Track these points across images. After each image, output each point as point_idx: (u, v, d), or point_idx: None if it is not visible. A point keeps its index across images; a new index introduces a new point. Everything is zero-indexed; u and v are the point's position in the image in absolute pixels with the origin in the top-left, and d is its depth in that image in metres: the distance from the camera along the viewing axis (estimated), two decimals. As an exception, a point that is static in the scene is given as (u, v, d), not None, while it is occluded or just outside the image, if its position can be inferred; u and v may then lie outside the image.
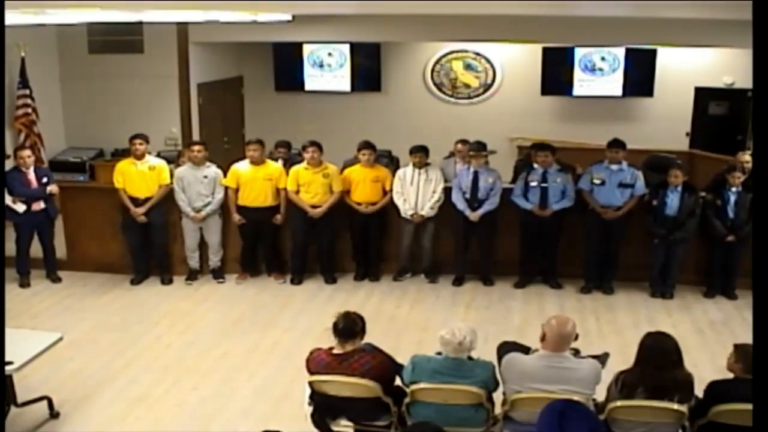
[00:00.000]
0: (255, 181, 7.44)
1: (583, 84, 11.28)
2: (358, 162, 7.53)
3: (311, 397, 4.29)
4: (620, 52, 11.03)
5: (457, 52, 11.59)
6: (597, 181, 7.21)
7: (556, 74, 11.26)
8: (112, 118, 9.97)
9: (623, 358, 4.79)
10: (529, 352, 4.26)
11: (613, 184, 7.18)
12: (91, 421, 5.02)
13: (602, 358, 4.47)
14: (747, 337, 4.34)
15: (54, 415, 5.01)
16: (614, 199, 7.19)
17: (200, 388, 5.49)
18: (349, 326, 4.15)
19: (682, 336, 5.02)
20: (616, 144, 7.24)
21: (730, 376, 4.03)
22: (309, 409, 4.31)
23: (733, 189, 6.99)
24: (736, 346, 4.07)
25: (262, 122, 11.59)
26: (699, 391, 4.04)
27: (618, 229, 7.23)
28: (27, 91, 9.19)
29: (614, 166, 7.21)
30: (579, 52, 11.15)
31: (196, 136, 9.97)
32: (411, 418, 4.12)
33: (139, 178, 7.42)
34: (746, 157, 7.50)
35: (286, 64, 11.80)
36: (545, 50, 11.07)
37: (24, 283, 7.50)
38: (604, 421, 3.87)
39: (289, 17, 8.29)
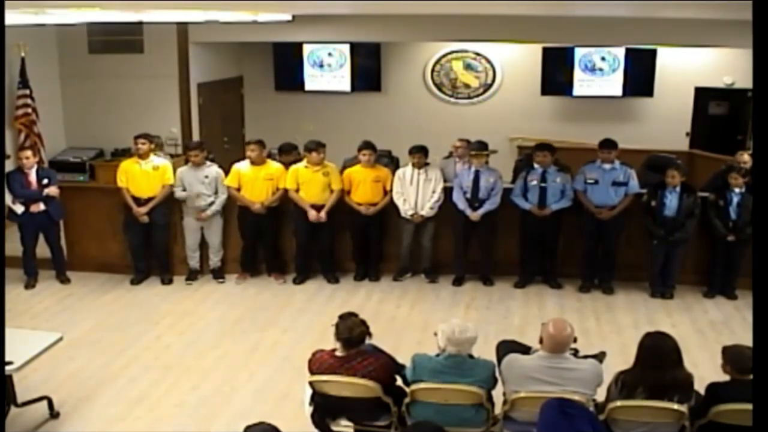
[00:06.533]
0: (256, 181, 7.44)
1: (583, 84, 11.27)
2: (358, 162, 7.54)
3: (312, 397, 4.29)
4: (620, 52, 11.03)
5: (457, 52, 11.58)
6: (590, 181, 7.22)
7: (556, 74, 11.25)
8: (112, 118, 9.97)
9: (623, 358, 4.80)
10: (529, 352, 4.26)
11: (606, 183, 7.19)
12: (91, 421, 5.02)
13: (599, 357, 4.47)
14: (747, 337, 4.34)
15: (54, 415, 5.01)
16: (608, 198, 7.19)
17: (200, 388, 5.49)
18: (348, 336, 4.12)
19: (682, 336, 5.03)
20: (608, 144, 7.24)
21: (728, 378, 4.03)
22: (309, 410, 4.31)
23: (736, 190, 6.98)
24: (724, 350, 4.07)
25: (262, 122, 11.59)
26: (699, 390, 4.04)
27: (613, 228, 7.22)
28: (27, 91, 9.17)
29: (607, 165, 7.22)
30: (579, 52, 11.14)
31: (196, 136, 9.97)
32: (411, 418, 4.13)
33: (143, 177, 7.41)
34: (745, 156, 7.50)
35: (286, 64, 11.79)
36: (545, 50, 11.07)
37: (30, 285, 7.48)
38: (604, 421, 3.88)
39: (289, 17, 8.30)
